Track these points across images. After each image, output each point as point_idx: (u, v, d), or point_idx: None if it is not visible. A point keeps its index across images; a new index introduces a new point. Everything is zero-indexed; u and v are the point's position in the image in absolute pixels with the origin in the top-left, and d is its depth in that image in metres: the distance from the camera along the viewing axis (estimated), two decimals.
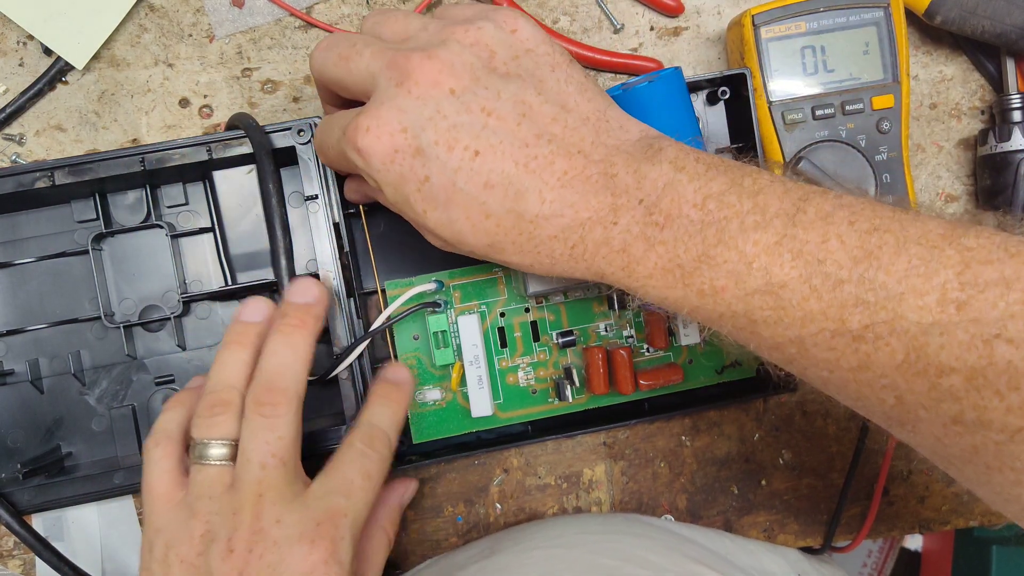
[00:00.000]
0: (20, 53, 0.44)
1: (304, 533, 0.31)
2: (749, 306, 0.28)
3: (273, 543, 0.30)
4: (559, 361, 0.44)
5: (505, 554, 0.39)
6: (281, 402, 0.32)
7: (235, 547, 0.30)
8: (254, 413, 0.32)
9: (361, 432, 0.35)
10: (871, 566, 1.00)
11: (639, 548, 0.39)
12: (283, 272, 0.37)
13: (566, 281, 0.38)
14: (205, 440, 0.33)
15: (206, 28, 0.45)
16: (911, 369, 0.25)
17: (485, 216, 0.31)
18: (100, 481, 0.40)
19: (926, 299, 0.25)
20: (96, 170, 0.39)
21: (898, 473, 0.49)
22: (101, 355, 0.43)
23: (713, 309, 0.29)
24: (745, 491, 0.48)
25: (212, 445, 0.33)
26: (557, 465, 0.47)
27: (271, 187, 0.37)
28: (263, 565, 0.30)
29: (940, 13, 0.44)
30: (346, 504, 0.32)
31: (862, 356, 0.26)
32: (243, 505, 0.31)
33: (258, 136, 0.38)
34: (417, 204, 0.31)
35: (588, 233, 0.30)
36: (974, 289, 0.25)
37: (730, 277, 0.28)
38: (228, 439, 0.33)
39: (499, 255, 0.32)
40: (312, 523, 0.31)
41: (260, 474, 0.32)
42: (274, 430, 0.32)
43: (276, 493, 0.31)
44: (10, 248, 0.42)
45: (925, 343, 0.25)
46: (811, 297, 0.27)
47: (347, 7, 0.46)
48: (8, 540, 0.44)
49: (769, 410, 0.48)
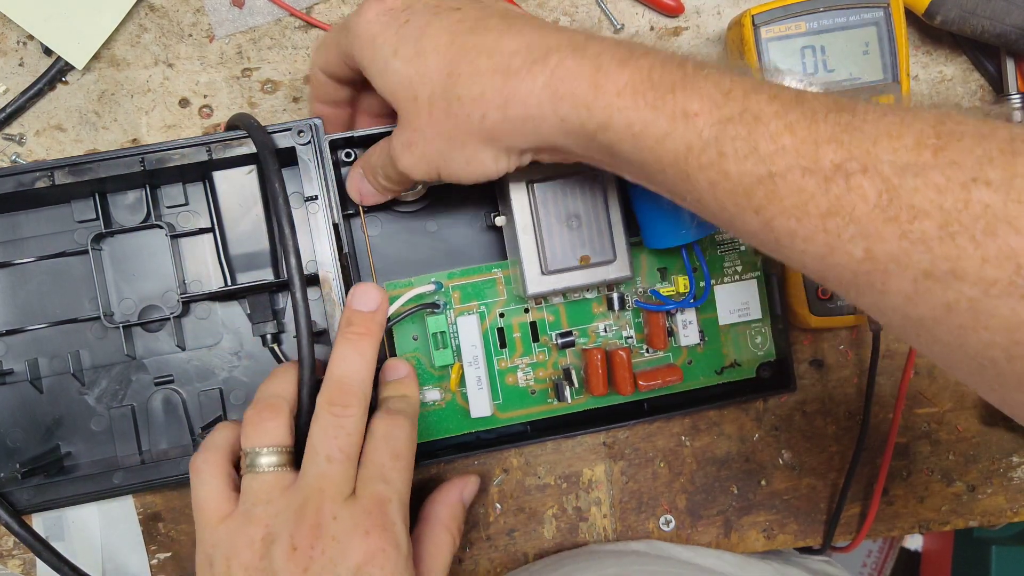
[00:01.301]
0: (20, 53, 0.44)
1: (357, 525, 0.32)
2: (720, 134, 0.27)
3: (332, 538, 0.31)
4: (558, 362, 0.44)
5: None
6: (352, 403, 0.34)
7: (298, 544, 0.31)
8: (325, 412, 0.34)
9: (380, 417, 0.36)
10: (871, 566, 1.00)
11: None
12: (293, 271, 0.36)
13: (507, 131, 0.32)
14: (257, 448, 0.33)
15: (206, 28, 0.45)
16: (883, 214, 0.24)
17: (450, 42, 0.31)
18: (99, 481, 0.40)
19: (902, 141, 0.24)
20: (96, 170, 0.39)
21: (898, 473, 0.49)
22: (100, 355, 0.43)
23: (682, 137, 0.28)
24: (745, 491, 0.48)
25: (264, 453, 0.33)
26: (557, 465, 0.47)
27: (277, 186, 0.37)
28: (326, 560, 0.31)
29: (940, 13, 0.44)
30: (387, 489, 0.33)
31: (832, 199, 0.25)
32: (306, 501, 0.32)
33: (261, 136, 0.38)
34: (389, 46, 0.33)
35: (555, 51, 0.30)
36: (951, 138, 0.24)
37: (705, 102, 0.27)
38: (280, 446, 0.34)
39: (453, 85, 0.31)
40: (363, 514, 0.32)
41: (326, 468, 0.33)
42: (343, 427, 0.33)
43: (335, 490, 0.32)
44: (10, 248, 0.42)
45: (898, 184, 0.24)
46: (785, 132, 0.26)
47: (347, 7, 0.46)
48: (8, 540, 0.44)
49: (769, 410, 0.48)
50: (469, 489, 0.42)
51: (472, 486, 0.42)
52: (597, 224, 0.40)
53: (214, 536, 0.33)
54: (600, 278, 0.40)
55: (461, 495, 0.41)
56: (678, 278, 0.43)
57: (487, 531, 0.47)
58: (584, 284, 0.40)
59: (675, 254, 0.44)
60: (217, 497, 0.34)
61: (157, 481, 0.41)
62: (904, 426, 0.49)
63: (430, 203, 0.44)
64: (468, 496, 0.42)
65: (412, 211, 0.44)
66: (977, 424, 0.50)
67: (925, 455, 0.49)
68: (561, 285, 0.40)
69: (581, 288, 0.42)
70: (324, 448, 0.33)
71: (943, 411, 0.50)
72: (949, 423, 0.50)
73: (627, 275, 0.40)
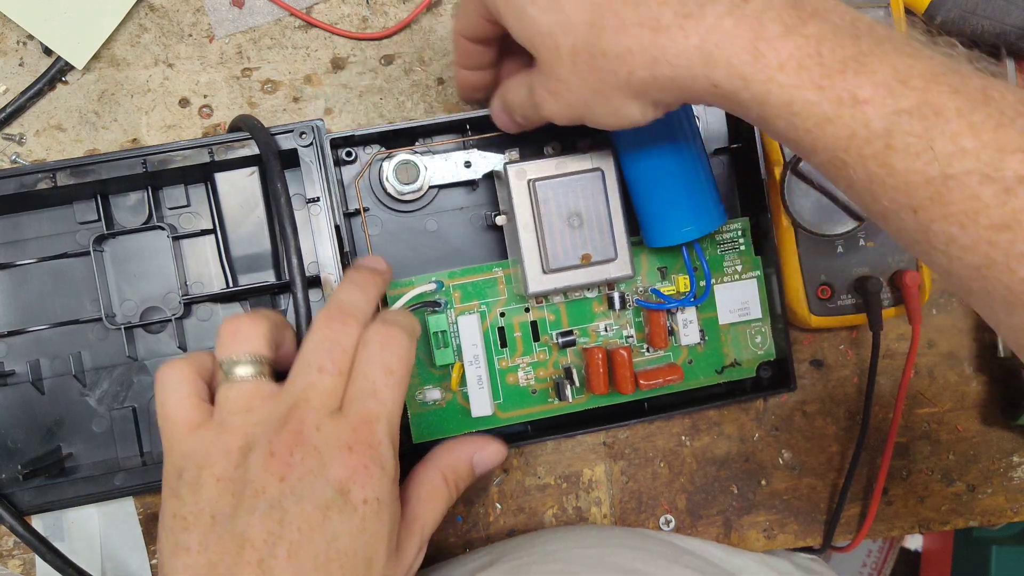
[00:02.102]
0: (20, 53, 0.44)
1: (341, 439, 0.29)
2: (892, 127, 0.24)
3: (314, 448, 0.29)
4: (559, 361, 0.44)
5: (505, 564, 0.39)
6: (350, 323, 0.32)
7: (276, 451, 0.29)
8: (322, 326, 0.32)
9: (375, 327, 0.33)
10: (871, 566, 1.00)
11: (637, 560, 0.39)
12: (295, 271, 0.36)
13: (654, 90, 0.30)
14: (234, 357, 0.31)
15: (206, 28, 0.45)
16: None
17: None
18: (101, 482, 0.40)
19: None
20: (98, 171, 0.39)
21: (898, 473, 0.49)
22: (102, 356, 0.43)
23: (846, 124, 0.25)
24: (745, 491, 0.48)
25: (242, 362, 0.31)
26: (557, 465, 0.47)
27: (280, 187, 0.37)
28: (304, 471, 0.29)
29: (940, 13, 0.44)
30: (376, 406, 0.31)
31: (1008, 212, 0.23)
32: (291, 410, 0.30)
33: (264, 137, 0.38)
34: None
35: (710, 4, 0.27)
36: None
37: (879, 88, 0.25)
38: (259, 355, 0.31)
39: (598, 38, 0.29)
40: (348, 429, 0.30)
41: (316, 378, 0.30)
42: (338, 342, 0.31)
43: (322, 400, 0.30)
44: (12, 249, 0.42)
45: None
46: (967, 133, 0.24)
47: (347, 7, 0.46)
48: (8, 540, 0.44)
49: (769, 410, 0.48)
50: (487, 453, 0.37)
51: (491, 453, 0.37)
52: (598, 223, 0.40)
53: (184, 446, 0.30)
54: (601, 277, 0.40)
55: (473, 453, 0.37)
56: (678, 277, 0.43)
57: (487, 531, 0.47)
58: (585, 283, 0.40)
59: (676, 253, 0.44)
60: (187, 406, 0.31)
61: (158, 483, 0.40)
62: (904, 426, 0.49)
63: (430, 203, 0.44)
64: (482, 460, 0.37)
65: (412, 211, 0.44)
66: (977, 424, 0.50)
67: (925, 455, 0.50)
68: (562, 284, 0.40)
69: (582, 287, 0.42)
70: (316, 359, 0.31)
71: (943, 411, 0.50)
72: (949, 423, 0.50)
73: (628, 274, 0.40)
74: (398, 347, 0.32)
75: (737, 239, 0.45)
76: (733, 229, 0.45)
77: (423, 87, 0.46)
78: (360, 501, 0.29)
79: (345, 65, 0.46)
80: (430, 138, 0.43)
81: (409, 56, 0.46)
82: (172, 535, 0.29)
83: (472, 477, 0.37)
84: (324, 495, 0.29)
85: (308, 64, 0.46)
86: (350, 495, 0.29)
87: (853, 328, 0.49)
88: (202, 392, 0.32)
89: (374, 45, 0.46)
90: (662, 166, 0.39)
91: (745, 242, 0.45)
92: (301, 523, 0.28)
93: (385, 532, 0.30)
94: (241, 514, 0.28)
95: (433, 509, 0.35)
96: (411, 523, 0.33)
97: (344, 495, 0.29)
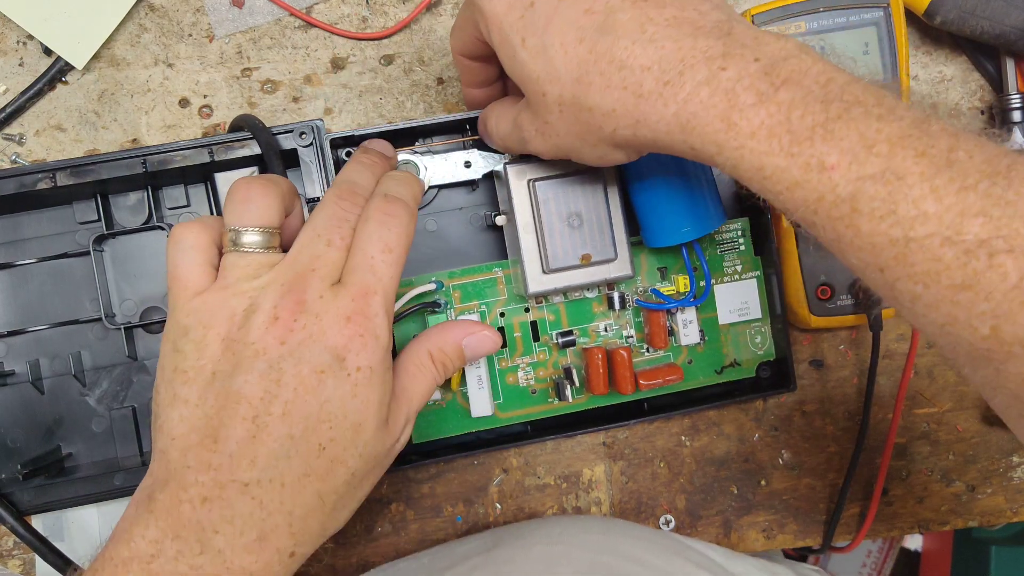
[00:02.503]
0: (20, 53, 0.44)
1: (340, 308, 0.31)
2: (857, 192, 0.25)
3: (315, 315, 0.30)
4: (559, 361, 0.44)
5: (506, 548, 0.39)
6: (360, 204, 0.33)
7: (280, 315, 0.30)
8: (333, 203, 0.33)
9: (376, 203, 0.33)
10: (871, 566, 1.00)
11: (639, 549, 0.39)
12: None
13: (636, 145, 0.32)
14: (242, 227, 0.32)
15: (206, 28, 0.45)
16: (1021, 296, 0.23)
17: (579, 40, 0.30)
18: (101, 482, 0.40)
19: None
20: (98, 171, 0.39)
21: (897, 473, 0.49)
22: (102, 356, 0.43)
23: (814, 189, 0.26)
24: (744, 491, 0.48)
25: (250, 232, 0.32)
26: (556, 465, 0.47)
27: None
28: (304, 336, 0.30)
29: (940, 13, 0.44)
30: (374, 280, 0.32)
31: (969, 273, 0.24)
32: (297, 277, 0.31)
33: (266, 137, 0.38)
34: (516, 33, 0.31)
35: (688, 70, 0.28)
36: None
37: (845, 155, 0.26)
38: (269, 226, 0.32)
39: (584, 94, 0.30)
40: (347, 299, 0.31)
41: (324, 250, 0.32)
42: (348, 220, 0.33)
43: (327, 271, 0.31)
44: (12, 249, 0.42)
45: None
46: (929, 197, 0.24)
47: (347, 7, 0.46)
48: (8, 540, 0.44)
49: (768, 410, 0.48)
50: (477, 337, 0.37)
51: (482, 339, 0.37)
52: (598, 223, 0.40)
53: (190, 306, 0.31)
54: (601, 277, 0.40)
55: (463, 338, 0.36)
56: (678, 277, 0.43)
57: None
58: (585, 283, 0.40)
59: (675, 253, 0.44)
60: (198, 270, 0.32)
61: None
62: (904, 426, 0.49)
63: (430, 203, 0.44)
64: (472, 344, 0.37)
65: None
66: (977, 424, 0.50)
67: (924, 455, 0.50)
68: (562, 284, 0.40)
69: (582, 287, 0.42)
70: (327, 233, 0.32)
71: (943, 411, 0.50)
72: (949, 423, 0.50)
73: (628, 274, 0.40)
74: (396, 224, 0.33)
75: (737, 239, 0.45)
76: (733, 229, 0.45)
77: (423, 87, 0.46)
78: (354, 368, 0.30)
79: (345, 65, 0.46)
80: (430, 138, 0.43)
81: (409, 56, 0.46)
82: (171, 387, 0.31)
83: (461, 359, 0.37)
84: (321, 360, 0.30)
85: (308, 64, 0.46)
86: (345, 362, 0.30)
87: (853, 328, 0.49)
88: (213, 259, 0.33)
89: (374, 45, 0.46)
90: (662, 166, 0.39)
91: (745, 242, 0.45)
92: (297, 384, 0.30)
93: (375, 399, 0.31)
94: (240, 372, 0.30)
95: (420, 385, 0.35)
96: (399, 396, 0.34)
97: (339, 361, 0.30)
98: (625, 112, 0.30)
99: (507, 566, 0.37)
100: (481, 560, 0.38)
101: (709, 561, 0.42)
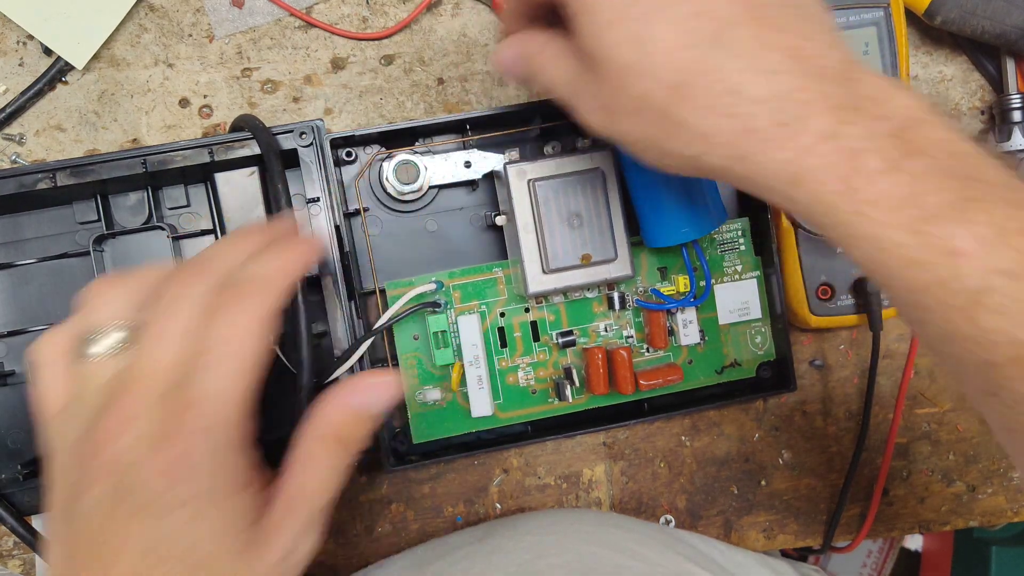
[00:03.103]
0: (20, 53, 0.44)
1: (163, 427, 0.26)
2: (984, 285, 0.23)
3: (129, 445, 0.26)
4: (559, 361, 0.44)
5: (498, 538, 0.39)
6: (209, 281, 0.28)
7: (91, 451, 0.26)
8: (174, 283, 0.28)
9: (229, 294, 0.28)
10: (871, 566, 1.00)
11: (632, 542, 0.39)
12: None
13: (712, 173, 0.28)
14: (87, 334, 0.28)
15: (206, 28, 0.45)
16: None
17: (687, 46, 0.26)
18: None
19: None
20: (98, 171, 0.39)
21: (898, 473, 0.49)
22: None
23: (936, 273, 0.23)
24: (745, 491, 0.48)
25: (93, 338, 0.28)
26: (557, 465, 0.47)
27: (280, 188, 0.37)
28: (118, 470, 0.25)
29: (940, 13, 0.44)
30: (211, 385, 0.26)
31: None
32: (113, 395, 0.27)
33: (266, 137, 0.38)
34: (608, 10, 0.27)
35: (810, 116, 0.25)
36: None
37: (978, 242, 0.23)
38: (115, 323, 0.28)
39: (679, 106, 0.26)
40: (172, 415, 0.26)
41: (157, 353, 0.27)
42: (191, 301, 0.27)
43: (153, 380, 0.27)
44: (11, 249, 0.42)
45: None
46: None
47: (347, 7, 0.46)
48: (8, 540, 0.44)
49: (769, 410, 0.48)
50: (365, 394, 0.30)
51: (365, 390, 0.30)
52: (598, 223, 0.40)
53: (48, 430, 0.28)
54: (601, 277, 0.40)
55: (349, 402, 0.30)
56: (678, 277, 0.43)
57: None
58: (585, 283, 0.40)
59: (675, 253, 0.44)
60: (53, 387, 0.28)
61: None
62: (904, 426, 0.49)
63: (430, 203, 0.44)
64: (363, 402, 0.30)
65: (412, 211, 0.44)
66: (977, 424, 0.50)
67: (925, 455, 0.50)
68: (562, 284, 0.40)
69: (582, 287, 0.42)
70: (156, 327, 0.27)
71: (943, 411, 0.50)
72: (949, 423, 0.50)
73: (628, 274, 0.40)
74: (242, 314, 0.27)
75: (737, 239, 0.45)
76: (733, 229, 0.45)
77: (423, 87, 0.46)
78: (177, 502, 0.25)
79: (345, 65, 0.46)
80: (430, 138, 0.43)
81: (409, 56, 0.46)
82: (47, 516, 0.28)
83: (362, 423, 0.30)
84: (137, 499, 0.25)
85: (308, 64, 0.46)
86: (165, 495, 0.25)
87: (853, 328, 0.49)
88: (69, 366, 0.29)
89: (374, 45, 0.46)
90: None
91: (745, 242, 0.45)
92: (118, 528, 0.25)
93: (218, 528, 0.26)
94: (66, 520, 0.26)
95: (316, 477, 0.29)
96: (290, 498, 0.28)
97: (159, 496, 0.25)
98: (724, 142, 0.26)
99: (497, 555, 0.37)
100: (472, 549, 0.38)
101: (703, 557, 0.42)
